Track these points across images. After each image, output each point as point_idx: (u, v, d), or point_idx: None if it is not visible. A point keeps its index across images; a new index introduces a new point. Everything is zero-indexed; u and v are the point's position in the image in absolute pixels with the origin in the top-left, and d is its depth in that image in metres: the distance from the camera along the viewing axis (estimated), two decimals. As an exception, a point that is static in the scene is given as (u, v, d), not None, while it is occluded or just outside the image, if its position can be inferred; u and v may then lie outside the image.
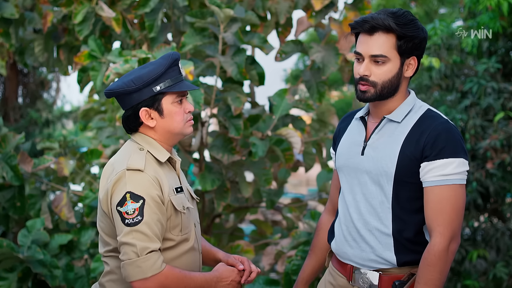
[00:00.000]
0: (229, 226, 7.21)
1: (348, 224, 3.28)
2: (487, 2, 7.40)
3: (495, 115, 7.70)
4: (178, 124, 3.10)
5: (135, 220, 2.89)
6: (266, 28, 6.52)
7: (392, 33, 3.08)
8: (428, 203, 3.06)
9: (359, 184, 3.25)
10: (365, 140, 3.25)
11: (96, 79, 5.55)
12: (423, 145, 3.06)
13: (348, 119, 3.46)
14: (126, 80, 3.03)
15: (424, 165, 3.05)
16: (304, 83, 6.22)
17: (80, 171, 6.10)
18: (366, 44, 3.12)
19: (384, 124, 3.20)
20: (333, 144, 3.54)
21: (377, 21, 3.08)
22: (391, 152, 3.12)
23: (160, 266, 2.90)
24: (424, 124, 3.11)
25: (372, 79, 3.12)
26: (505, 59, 8.19)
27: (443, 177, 3.03)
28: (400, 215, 3.14)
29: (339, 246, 3.33)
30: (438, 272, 3.01)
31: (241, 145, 5.82)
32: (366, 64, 3.12)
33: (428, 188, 3.06)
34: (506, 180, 7.74)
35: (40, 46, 6.68)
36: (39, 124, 16.09)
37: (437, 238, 3.01)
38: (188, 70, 5.07)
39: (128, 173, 2.96)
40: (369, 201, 3.21)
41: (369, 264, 3.22)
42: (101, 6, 5.73)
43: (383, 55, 3.09)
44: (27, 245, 5.37)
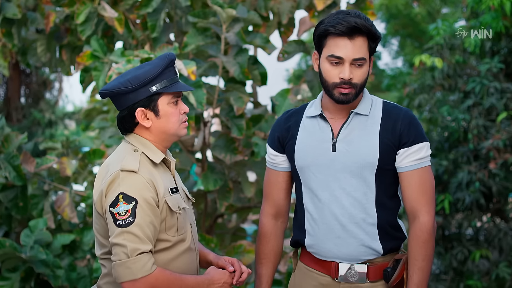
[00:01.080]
0: (231, 226, 7.21)
1: (329, 221, 3.26)
2: (490, 2, 7.40)
3: (498, 115, 7.70)
4: (173, 125, 3.09)
5: (127, 222, 2.88)
6: (269, 28, 6.52)
7: (365, 36, 3.16)
8: (411, 186, 3.23)
9: (336, 180, 3.25)
10: (334, 137, 3.26)
11: (99, 79, 5.55)
12: (399, 132, 3.21)
13: (293, 118, 3.41)
14: (122, 80, 3.02)
15: (402, 151, 3.22)
16: (306, 83, 6.22)
17: (83, 171, 6.11)
18: (347, 48, 3.15)
19: (351, 119, 3.26)
20: (275, 144, 3.45)
21: (359, 25, 3.12)
22: (370, 143, 3.21)
23: (150, 268, 2.88)
24: (392, 113, 3.26)
25: (354, 81, 3.18)
26: (507, 59, 8.19)
27: (420, 161, 3.22)
28: (383, 203, 3.26)
29: (320, 246, 3.30)
30: (431, 248, 3.22)
31: (243, 145, 5.82)
32: (348, 68, 3.16)
33: (408, 173, 3.23)
34: (509, 180, 7.73)
35: (43, 46, 6.69)
36: (42, 124, 16.10)
37: (425, 216, 3.21)
38: (190, 70, 5.07)
39: (122, 174, 2.95)
40: (351, 195, 3.23)
41: (357, 257, 3.26)
42: (104, 6, 5.73)
43: (363, 58, 3.16)
44: (29, 245, 5.37)
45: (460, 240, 8.01)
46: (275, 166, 3.46)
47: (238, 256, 5.53)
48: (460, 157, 7.98)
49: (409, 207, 3.25)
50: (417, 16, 17.43)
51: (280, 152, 3.43)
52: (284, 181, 3.47)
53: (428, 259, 3.21)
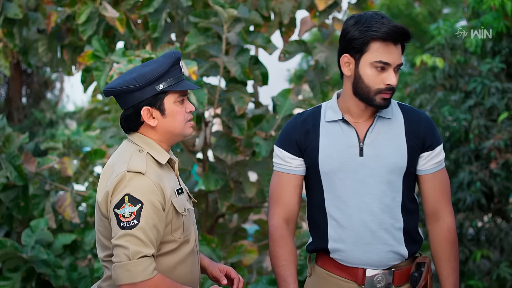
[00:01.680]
0: (232, 226, 7.21)
1: (358, 228, 3.20)
2: (491, 2, 7.39)
3: (499, 115, 7.69)
4: (179, 124, 3.04)
5: (131, 224, 2.84)
6: (270, 28, 6.52)
7: (401, 43, 3.15)
8: (434, 187, 3.28)
9: (364, 186, 3.19)
10: (360, 141, 3.21)
11: (100, 79, 5.55)
12: (423, 136, 3.24)
13: (310, 122, 3.32)
14: (128, 78, 2.96)
15: (426, 154, 3.25)
16: (307, 83, 6.22)
17: (84, 171, 6.11)
18: (393, 53, 3.11)
19: (376, 122, 3.22)
20: (292, 147, 3.34)
21: (407, 32, 3.10)
22: (398, 147, 3.19)
23: (151, 273, 2.83)
24: (413, 116, 3.27)
25: (394, 86, 3.15)
26: (509, 59, 8.19)
27: (440, 162, 3.28)
28: (406, 206, 3.24)
29: (348, 253, 3.23)
30: (457, 246, 3.31)
31: (244, 145, 5.82)
32: (395, 74, 3.13)
33: (430, 175, 3.27)
34: (510, 180, 7.73)
35: (44, 46, 6.69)
36: (43, 124, 16.10)
37: (449, 217, 3.28)
38: (191, 70, 5.07)
39: (129, 175, 2.90)
40: (381, 200, 3.19)
41: (385, 263, 3.23)
42: (105, 6, 5.73)
43: (402, 63, 3.14)
44: (31, 245, 5.37)
45: (461, 240, 8.00)
46: (289, 170, 3.35)
47: (239, 256, 5.53)
48: (461, 157, 7.98)
49: (431, 208, 3.29)
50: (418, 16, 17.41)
51: (298, 155, 3.32)
52: (298, 185, 3.36)
53: (458, 259, 3.29)
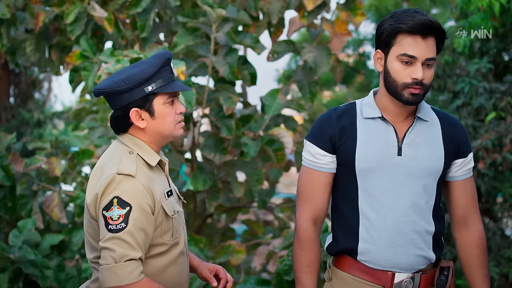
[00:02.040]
0: (220, 226, 7.21)
1: (391, 229, 3.14)
2: (479, 2, 7.41)
3: (487, 115, 7.72)
4: (169, 126, 3.01)
5: (119, 227, 2.81)
6: (258, 28, 6.52)
7: (434, 37, 3.07)
8: (465, 194, 3.27)
9: (401, 186, 3.14)
10: (399, 140, 3.16)
11: (88, 79, 5.53)
12: (459, 142, 3.23)
13: (346, 118, 3.22)
14: (117, 79, 2.93)
15: (460, 161, 3.24)
16: (296, 83, 6.22)
17: (72, 171, 6.09)
18: (420, 47, 3.04)
19: (415, 123, 3.18)
20: (325, 143, 3.22)
21: (434, 23, 3.03)
22: (436, 150, 3.17)
23: (137, 276, 2.81)
24: (449, 121, 3.25)
25: (425, 82, 3.07)
26: (496, 59, 8.21)
27: (470, 170, 3.29)
28: (436, 211, 3.22)
29: (378, 254, 3.16)
30: (487, 254, 3.29)
31: (233, 145, 5.82)
32: (421, 69, 3.05)
33: (462, 181, 3.26)
34: (498, 180, 7.75)
35: (32, 46, 6.67)
36: (31, 124, 16.05)
37: (480, 224, 3.28)
38: (180, 70, 5.06)
39: (119, 177, 2.87)
40: (416, 202, 3.14)
41: (415, 266, 3.18)
42: (93, 6, 5.72)
43: (434, 58, 3.06)
44: (18, 246, 5.36)
45: (448, 240, 8.02)
46: (320, 167, 3.24)
47: (227, 256, 5.53)
48: (449, 157, 7.98)
49: (461, 214, 3.27)
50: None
51: (330, 152, 3.22)
52: (328, 183, 3.24)
53: (488, 265, 3.29)
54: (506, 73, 8.26)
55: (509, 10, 7.61)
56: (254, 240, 6.65)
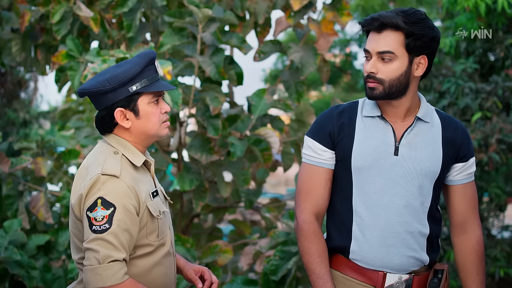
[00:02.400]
0: (207, 226, 7.20)
1: (383, 228, 3.13)
2: (465, 3, 7.44)
3: (473, 115, 7.74)
4: (154, 125, 3.00)
5: (102, 228, 2.80)
6: (245, 28, 6.52)
7: (400, 31, 3.05)
8: (464, 199, 3.25)
9: (395, 186, 3.13)
10: (396, 140, 3.15)
11: (74, 79, 5.52)
12: (459, 145, 3.20)
13: (346, 115, 3.23)
14: (101, 79, 2.91)
15: (460, 165, 3.21)
16: (282, 83, 6.22)
17: (58, 171, 6.07)
18: (374, 41, 3.08)
19: (415, 124, 3.17)
20: (325, 139, 3.23)
21: (385, 19, 3.04)
22: (434, 151, 3.15)
23: (121, 277, 2.80)
24: (451, 124, 3.22)
25: (379, 76, 3.07)
26: (482, 59, 8.24)
27: (471, 174, 3.26)
28: (433, 214, 3.20)
29: (369, 253, 3.16)
30: (485, 260, 3.26)
31: (219, 145, 5.82)
32: (373, 61, 3.08)
33: (461, 186, 3.24)
34: (483, 179, 7.78)
35: (18, 46, 6.64)
36: (17, 124, 16.00)
37: (479, 229, 3.24)
38: (166, 70, 5.05)
39: (103, 178, 2.86)
40: (410, 203, 3.13)
41: (407, 267, 3.17)
42: (79, 5, 5.70)
43: (389, 51, 3.04)
44: (4, 246, 5.34)
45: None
46: (321, 162, 3.23)
47: (214, 256, 5.53)
48: (435, 157, 8.01)
49: (459, 219, 3.25)
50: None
51: (330, 148, 3.21)
52: (328, 179, 3.23)
53: (485, 272, 3.29)
54: (492, 73, 8.30)
55: (495, 11, 7.64)
56: (241, 240, 6.65)
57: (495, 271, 7.70)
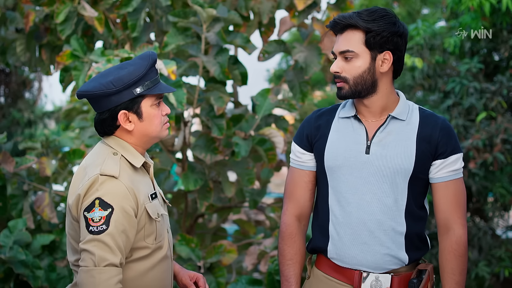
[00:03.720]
0: (212, 226, 7.20)
1: (356, 226, 3.18)
2: (469, 2, 7.43)
3: (477, 115, 7.74)
4: (156, 127, 3.01)
5: (99, 229, 2.80)
6: (249, 28, 6.52)
7: (359, 29, 3.13)
8: (446, 197, 3.20)
9: (367, 184, 3.18)
10: (368, 139, 3.20)
11: (79, 79, 5.52)
12: (436, 142, 3.18)
13: (324, 117, 3.34)
14: (104, 81, 2.90)
15: (439, 162, 3.19)
16: (287, 83, 6.22)
17: (63, 171, 6.07)
18: (337, 42, 3.18)
19: (388, 122, 3.21)
20: (303, 142, 3.36)
21: (345, 20, 3.13)
22: (406, 149, 3.16)
23: (113, 284, 2.79)
24: (430, 121, 3.22)
25: (344, 75, 3.16)
26: (487, 59, 8.24)
27: (455, 172, 3.21)
28: (412, 212, 3.20)
29: (344, 251, 3.21)
30: (466, 261, 3.21)
31: (224, 145, 5.82)
32: (337, 61, 3.17)
33: (443, 184, 3.20)
34: (488, 179, 7.77)
35: (22, 46, 6.64)
36: (21, 124, 16.01)
37: (461, 229, 3.19)
38: (170, 70, 5.05)
39: (101, 178, 2.86)
40: (382, 200, 3.16)
41: (382, 266, 3.19)
42: (84, 5, 5.71)
43: (349, 50, 3.13)
44: (9, 246, 5.34)
45: (440, 240, 8.03)
46: (300, 165, 3.36)
47: (218, 256, 5.52)
48: (440, 156, 7.99)
49: (442, 218, 3.22)
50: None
51: (308, 150, 3.33)
52: (309, 181, 3.36)
53: (465, 273, 3.20)
54: (497, 73, 8.29)
55: (500, 10, 7.63)
56: (245, 240, 6.65)
57: (500, 271, 7.69)
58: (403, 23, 3.19)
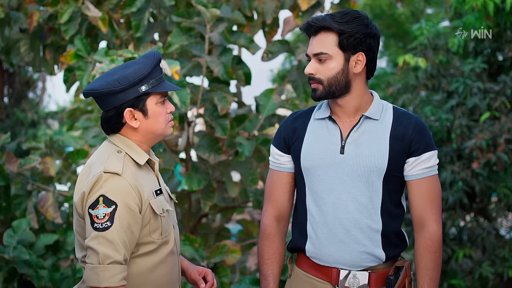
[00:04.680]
0: (215, 226, 7.20)
1: (332, 225, 3.23)
2: (473, 2, 7.43)
3: (481, 115, 7.73)
4: (161, 125, 3.06)
5: (104, 226, 2.85)
6: (253, 28, 6.52)
7: (333, 32, 3.18)
8: (420, 194, 3.24)
9: (342, 183, 3.23)
10: (342, 139, 3.25)
11: (82, 79, 5.53)
12: (409, 140, 3.21)
13: (300, 119, 3.41)
14: (110, 80, 2.96)
15: (412, 160, 3.22)
16: (290, 83, 6.22)
17: (66, 171, 6.08)
18: (311, 45, 3.23)
19: (362, 122, 3.26)
20: (280, 144, 3.43)
21: (319, 22, 3.18)
22: (380, 148, 3.20)
23: (118, 281, 2.84)
24: (403, 120, 3.26)
25: (318, 76, 3.21)
26: (490, 59, 8.23)
27: (429, 169, 3.23)
28: (388, 209, 3.24)
29: (321, 250, 3.27)
30: (441, 257, 3.25)
31: (227, 145, 5.82)
32: (311, 63, 3.22)
33: (417, 181, 3.24)
34: (492, 179, 7.77)
35: (26, 46, 6.65)
36: (25, 124, 16.03)
37: (435, 225, 3.22)
38: (174, 70, 5.06)
39: (105, 176, 2.90)
40: (357, 199, 3.21)
41: (359, 263, 3.23)
42: (87, 5, 5.71)
43: (323, 53, 3.18)
44: (12, 246, 5.35)
45: (443, 240, 8.02)
46: (279, 166, 3.43)
47: (222, 256, 5.53)
48: (443, 156, 8.01)
49: (417, 215, 3.26)
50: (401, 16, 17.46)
51: (285, 152, 3.40)
52: (288, 182, 3.43)
53: (438, 268, 3.24)
54: (500, 73, 8.28)
55: (503, 10, 7.63)
56: (249, 240, 6.65)
57: (504, 271, 7.69)
58: (376, 25, 3.25)
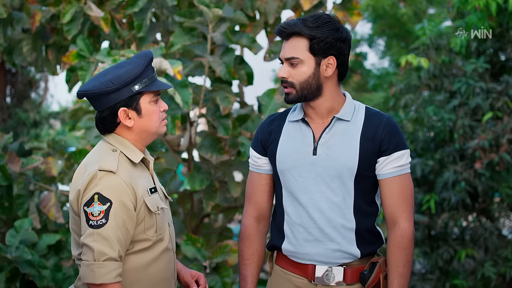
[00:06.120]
0: (218, 226, 7.20)
1: (307, 224, 3.32)
2: (476, 2, 7.43)
3: (484, 115, 7.73)
4: (155, 124, 3.11)
5: (99, 223, 2.89)
6: (255, 28, 6.52)
7: (303, 36, 3.24)
8: (391, 193, 3.29)
9: (315, 184, 3.30)
10: (315, 141, 3.31)
11: (85, 79, 5.53)
12: (380, 140, 3.28)
13: (276, 122, 3.48)
14: (104, 80, 3.01)
15: (382, 159, 3.28)
16: (292, 83, 6.20)
17: (69, 171, 6.08)
18: (283, 49, 3.29)
19: (333, 124, 3.32)
20: (258, 147, 3.51)
21: (290, 27, 3.24)
22: (350, 149, 3.27)
23: (113, 278, 2.89)
24: (373, 120, 3.33)
25: (290, 80, 3.28)
26: (493, 59, 8.23)
27: (400, 168, 3.29)
28: (361, 208, 3.32)
29: (298, 248, 3.35)
30: (411, 254, 3.30)
31: (229, 145, 5.82)
32: (283, 67, 3.29)
33: (388, 180, 3.30)
34: (495, 180, 7.77)
35: (29, 46, 6.66)
36: (27, 124, 16.04)
37: (406, 223, 3.27)
38: (176, 70, 5.06)
39: (100, 174, 2.95)
40: (330, 199, 3.29)
41: (334, 260, 3.31)
42: (90, 5, 5.71)
43: (294, 57, 3.24)
44: (15, 245, 5.35)
45: (446, 240, 8.03)
46: (257, 168, 3.51)
47: (224, 256, 5.53)
48: (446, 157, 8.01)
49: (389, 213, 3.32)
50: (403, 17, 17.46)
51: (263, 155, 3.48)
52: (266, 184, 3.51)
53: (409, 265, 3.29)
54: (503, 73, 8.28)
55: (506, 10, 7.62)
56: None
57: (506, 271, 7.69)
58: (346, 29, 3.32)
